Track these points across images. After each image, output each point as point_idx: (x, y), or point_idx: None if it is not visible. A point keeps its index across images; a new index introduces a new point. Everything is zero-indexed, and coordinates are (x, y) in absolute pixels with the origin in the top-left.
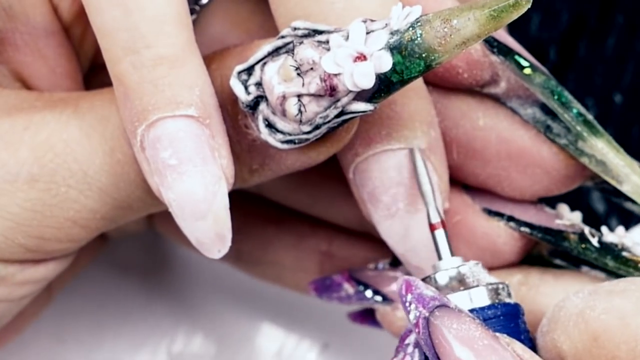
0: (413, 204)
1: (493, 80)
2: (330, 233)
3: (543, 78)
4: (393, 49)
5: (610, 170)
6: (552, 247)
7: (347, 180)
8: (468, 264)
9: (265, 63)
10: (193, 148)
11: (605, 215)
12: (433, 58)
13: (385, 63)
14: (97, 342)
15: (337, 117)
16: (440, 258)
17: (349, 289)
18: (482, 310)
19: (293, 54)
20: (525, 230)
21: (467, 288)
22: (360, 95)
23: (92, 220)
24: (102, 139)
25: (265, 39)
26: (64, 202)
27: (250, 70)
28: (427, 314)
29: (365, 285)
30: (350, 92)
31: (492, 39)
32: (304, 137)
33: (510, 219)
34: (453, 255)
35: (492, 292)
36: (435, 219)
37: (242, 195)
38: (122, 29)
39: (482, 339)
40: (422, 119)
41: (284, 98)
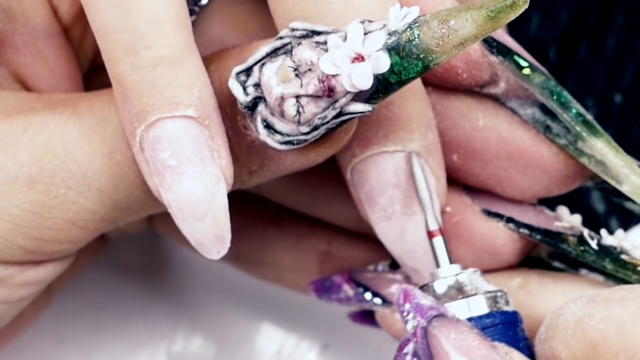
0: (409, 207)
1: (492, 81)
2: (330, 233)
3: (542, 78)
4: (391, 50)
5: (610, 170)
6: (551, 249)
7: (345, 181)
8: (466, 272)
9: (264, 64)
10: (192, 149)
11: (605, 215)
12: (431, 59)
13: (383, 64)
14: (96, 343)
15: (335, 118)
16: (439, 266)
17: (349, 291)
18: (480, 319)
19: (291, 55)
20: (525, 232)
21: (465, 296)
22: (359, 96)
23: (91, 222)
24: (101, 141)
25: (264, 40)
26: (63, 203)
27: (249, 71)
28: (425, 324)
29: (365, 287)
30: (349, 93)
31: (491, 39)
32: (303, 138)
33: (510, 221)
34: (451, 263)
35: (490, 300)
36: (434, 227)
37: (241, 196)
38: (121, 30)
39: (480, 349)
40: (419, 121)
41: (282, 99)
